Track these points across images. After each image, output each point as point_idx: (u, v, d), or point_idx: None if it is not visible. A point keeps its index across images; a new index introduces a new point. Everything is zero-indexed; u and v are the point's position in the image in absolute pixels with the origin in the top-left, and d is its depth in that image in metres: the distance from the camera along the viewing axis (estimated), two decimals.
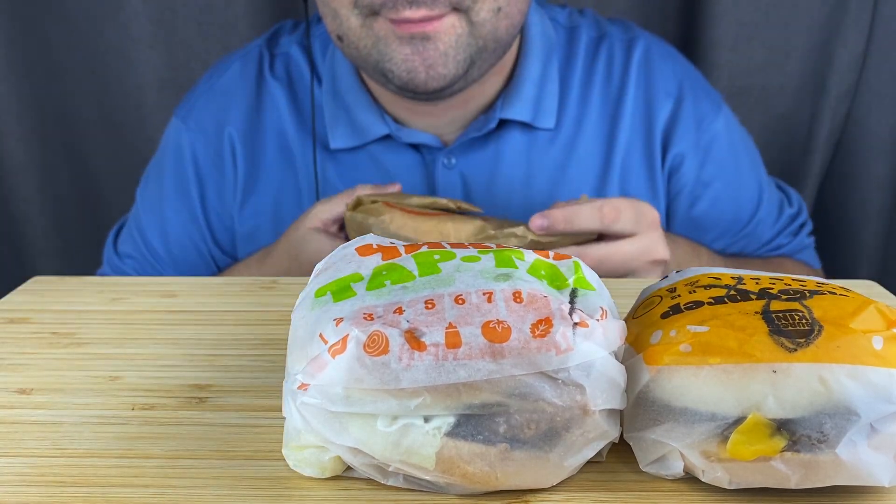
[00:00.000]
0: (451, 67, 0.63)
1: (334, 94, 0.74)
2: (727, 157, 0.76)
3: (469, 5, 0.61)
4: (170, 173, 0.78)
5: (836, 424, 0.30)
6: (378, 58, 0.63)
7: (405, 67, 0.62)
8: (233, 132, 0.76)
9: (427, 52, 0.61)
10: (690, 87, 0.76)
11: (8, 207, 1.13)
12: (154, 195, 0.80)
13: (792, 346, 0.30)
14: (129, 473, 0.34)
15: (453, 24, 0.61)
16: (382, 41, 0.62)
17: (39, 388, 0.41)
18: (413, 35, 0.61)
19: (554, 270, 0.34)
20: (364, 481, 0.33)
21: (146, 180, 0.82)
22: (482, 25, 0.62)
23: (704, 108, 0.76)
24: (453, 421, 0.30)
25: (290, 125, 0.76)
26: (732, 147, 0.77)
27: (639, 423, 0.33)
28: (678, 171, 0.75)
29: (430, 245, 0.36)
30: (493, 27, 0.63)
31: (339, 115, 0.73)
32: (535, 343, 0.30)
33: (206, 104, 0.78)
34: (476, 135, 0.72)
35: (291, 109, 0.76)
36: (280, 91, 0.77)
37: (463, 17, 0.61)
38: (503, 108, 0.71)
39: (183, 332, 0.48)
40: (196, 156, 0.77)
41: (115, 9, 1.03)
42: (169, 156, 0.79)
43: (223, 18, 1.04)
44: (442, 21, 0.61)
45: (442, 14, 0.60)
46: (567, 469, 0.32)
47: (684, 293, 0.35)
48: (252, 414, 0.39)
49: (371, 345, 0.30)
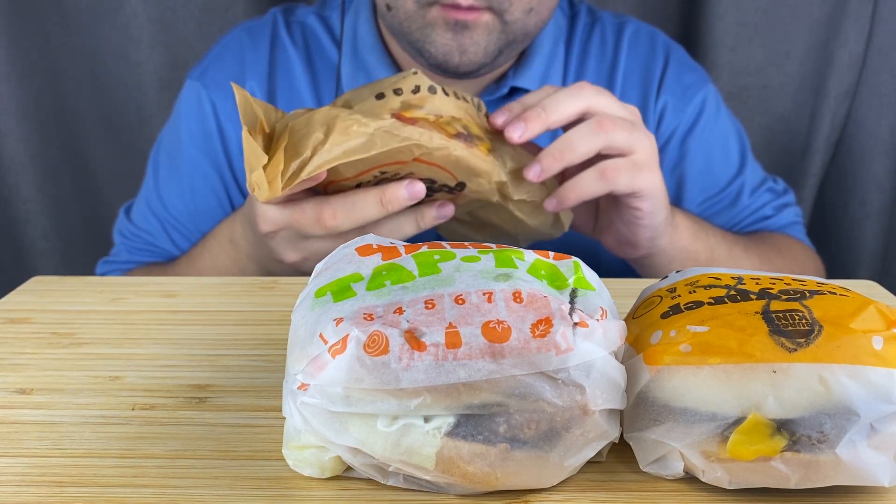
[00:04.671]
0: (481, 56, 0.68)
1: (354, 55, 0.78)
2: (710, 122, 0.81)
3: (505, 7, 0.66)
4: (187, 130, 0.79)
5: (836, 424, 0.30)
6: (421, 38, 0.69)
7: (443, 51, 0.68)
8: (255, 86, 0.79)
9: (464, 38, 0.67)
10: (677, 59, 0.82)
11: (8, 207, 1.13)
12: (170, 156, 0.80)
13: (792, 346, 0.30)
14: (129, 473, 0.34)
15: (487, 22, 0.67)
16: (430, 26, 0.68)
17: (39, 388, 0.41)
18: (457, 21, 0.66)
19: (554, 270, 0.34)
20: (364, 481, 0.33)
21: (159, 145, 0.82)
22: (514, 24, 0.68)
23: (690, 78, 0.81)
24: (453, 421, 0.30)
25: (303, 85, 0.79)
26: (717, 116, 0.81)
27: (639, 423, 0.33)
28: (660, 126, 0.80)
29: (431, 245, 0.36)
30: (524, 24, 0.69)
31: (359, 75, 0.77)
32: (535, 343, 0.30)
33: (221, 63, 0.80)
34: (488, 98, 0.77)
35: (306, 71, 0.79)
36: (295, 54, 0.80)
37: (497, 17, 0.67)
38: (514, 77, 0.77)
39: (183, 332, 0.48)
40: (216, 109, 0.78)
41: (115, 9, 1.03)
42: (185, 114, 0.80)
43: (223, 18, 1.05)
44: (480, 15, 0.66)
45: (481, 9, 0.66)
46: (567, 469, 0.32)
47: (684, 293, 0.35)
48: (252, 414, 0.39)
49: (371, 345, 0.30)
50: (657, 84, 0.80)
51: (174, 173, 0.79)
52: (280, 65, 0.79)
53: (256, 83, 0.79)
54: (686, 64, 0.83)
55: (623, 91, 0.80)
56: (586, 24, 0.83)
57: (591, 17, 0.83)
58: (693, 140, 0.80)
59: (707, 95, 0.81)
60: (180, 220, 0.79)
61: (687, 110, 0.80)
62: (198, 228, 0.78)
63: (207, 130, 0.78)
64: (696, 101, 0.80)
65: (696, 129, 0.80)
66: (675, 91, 0.80)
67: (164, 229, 0.79)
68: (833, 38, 1.00)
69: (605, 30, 0.82)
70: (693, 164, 0.79)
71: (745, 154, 0.82)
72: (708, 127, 0.80)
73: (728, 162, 0.81)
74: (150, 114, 1.08)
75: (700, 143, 0.80)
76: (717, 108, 0.81)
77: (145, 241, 0.79)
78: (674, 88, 0.80)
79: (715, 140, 0.81)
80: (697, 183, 0.80)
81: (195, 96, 0.79)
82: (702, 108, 0.80)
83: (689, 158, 0.79)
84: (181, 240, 0.79)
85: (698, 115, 0.80)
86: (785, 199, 0.83)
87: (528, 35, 0.71)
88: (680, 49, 0.84)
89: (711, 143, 0.80)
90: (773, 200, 0.82)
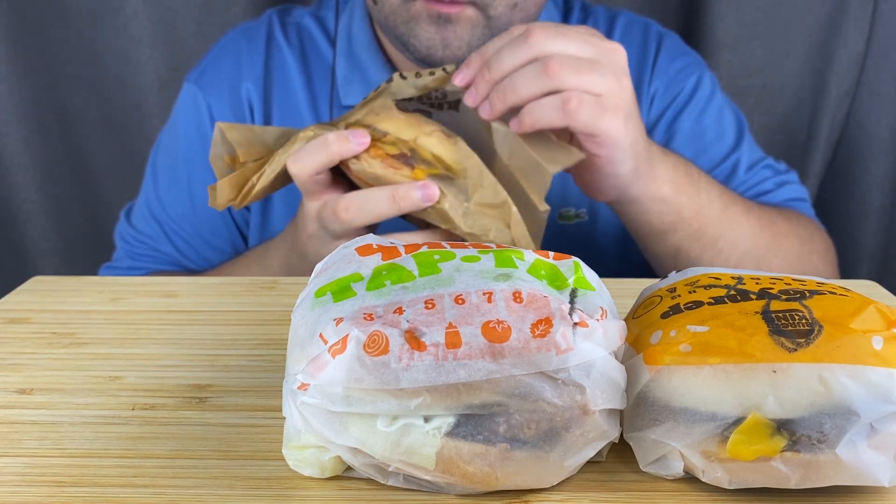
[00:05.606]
0: (465, 50, 0.68)
1: (349, 54, 0.78)
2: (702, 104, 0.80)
3: (489, 2, 0.66)
4: (185, 134, 0.79)
5: (836, 424, 0.30)
6: (406, 32, 0.69)
7: (426, 44, 0.68)
8: (250, 88, 0.79)
9: (447, 32, 0.67)
10: (668, 45, 0.82)
11: (8, 207, 1.13)
12: (169, 160, 0.80)
13: (792, 346, 0.30)
14: (129, 473, 0.34)
15: (471, 17, 0.67)
16: (414, 20, 0.68)
17: (39, 388, 0.41)
18: (440, 15, 0.67)
19: (554, 270, 0.34)
20: (364, 481, 0.33)
21: (157, 148, 0.82)
22: (498, 19, 0.68)
23: (681, 63, 0.81)
24: (453, 421, 0.30)
25: (298, 86, 0.79)
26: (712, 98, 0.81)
27: (639, 423, 0.33)
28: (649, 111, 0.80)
29: (430, 245, 0.36)
30: (509, 19, 0.68)
31: (354, 74, 0.77)
32: (535, 343, 0.30)
33: (218, 66, 0.80)
34: None
35: (301, 72, 0.79)
36: (291, 55, 0.80)
37: (481, 12, 0.67)
38: None
39: (183, 332, 0.48)
40: (212, 112, 0.79)
41: (115, 9, 1.03)
42: (182, 118, 0.80)
43: (223, 18, 1.05)
44: (463, 9, 0.66)
45: (464, 3, 0.66)
46: (567, 469, 0.32)
47: (684, 293, 0.35)
48: (252, 414, 0.39)
49: (371, 345, 0.30)
50: (650, 71, 0.80)
51: (173, 177, 0.79)
52: (276, 66, 0.80)
53: (252, 85, 0.79)
54: (678, 49, 0.82)
55: None
56: (579, 18, 0.83)
57: (583, 11, 0.84)
58: (683, 121, 0.79)
59: (701, 78, 0.80)
60: (180, 224, 0.79)
61: (676, 93, 0.79)
62: (197, 232, 0.79)
63: (204, 134, 0.78)
64: (688, 84, 0.79)
65: (686, 111, 0.79)
66: (664, 76, 0.80)
67: (165, 233, 0.79)
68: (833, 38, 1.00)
69: (597, 23, 0.83)
70: (681, 145, 0.78)
71: (743, 133, 0.81)
72: (699, 107, 0.80)
73: (723, 140, 0.80)
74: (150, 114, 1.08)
75: (690, 123, 0.79)
76: (711, 91, 0.81)
77: (147, 246, 0.79)
78: (664, 74, 0.80)
79: (708, 120, 0.80)
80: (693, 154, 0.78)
81: (192, 100, 0.79)
82: (694, 90, 0.80)
83: (676, 140, 0.79)
84: (182, 243, 0.79)
85: (689, 98, 0.79)
86: (786, 176, 0.81)
87: None
88: (673, 36, 0.84)
89: (704, 123, 0.80)
90: (772, 177, 0.80)
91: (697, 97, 0.80)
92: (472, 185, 0.55)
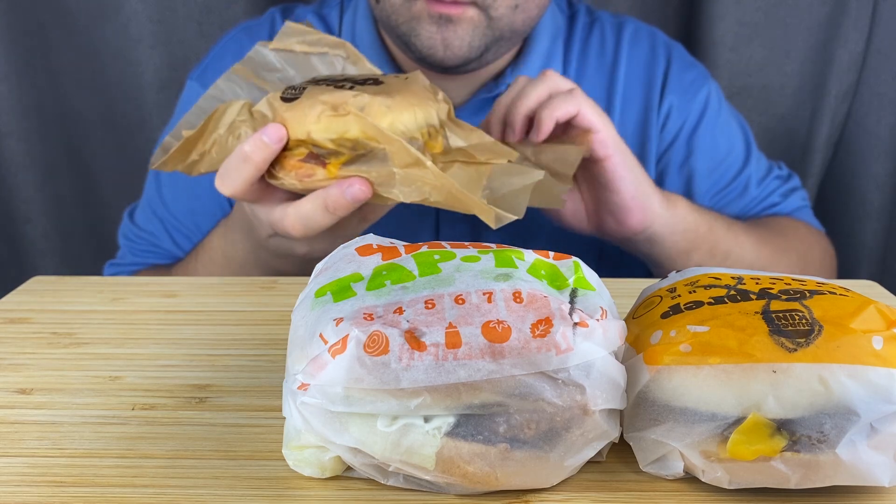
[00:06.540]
0: (465, 50, 0.69)
1: None
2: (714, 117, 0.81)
3: (490, 3, 0.67)
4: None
5: (836, 424, 0.30)
6: (407, 31, 0.70)
7: (427, 44, 0.69)
8: None
9: (448, 32, 0.68)
10: (678, 57, 0.83)
11: (8, 207, 1.13)
12: None
13: (792, 346, 0.30)
14: (129, 473, 0.34)
15: (472, 17, 0.68)
16: (415, 19, 0.68)
17: (39, 388, 0.41)
18: (441, 15, 0.67)
19: (554, 270, 0.34)
20: (364, 481, 0.33)
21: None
22: (500, 20, 0.68)
23: (692, 75, 0.82)
24: (453, 421, 0.30)
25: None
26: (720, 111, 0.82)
27: (639, 423, 0.33)
28: (667, 125, 0.81)
29: (431, 245, 0.36)
30: (510, 21, 0.69)
31: None
32: (535, 343, 0.30)
33: (220, 63, 0.80)
34: (486, 96, 0.77)
35: None
36: None
37: (483, 13, 0.67)
38: (513, 74, 0.77)
39: (183, 332, 0.48)
40: None
41: (115, 9, 1.03)
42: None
43: (223, 18, 1.04)
44: (465, 10, 0.67)
45: (466, 3, 0.67)
46: (567, 469, 0.32)
47: (684, 293, 0.35)
48: (252, 414, 0.39)
49: (371, 345, 0.30)
50: (661, 84, 0.80)
51: (175, 174, 0.79)
52: None
53: None
54: (687, 61, 0.83)
55: (625, 90, 0.80)
56: (585, 23, 0.83)
57: (589, 16, 0.84)
58: (699, 136, 0.80)
59: (710, 91, 0.81)
60: (182, 221, 0.79)
61: (691, 108, 0.80)
62: (199, 228, 0.79)
63: None
64: (699, 97, 0.80)
65: (701, 126, 0.80)
66: (679, 90, 0.80)
67: (167, 230, 0.79)
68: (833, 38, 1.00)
69: (604, 29, 0.83)
70: (700, 159, 0.80)
71: (750, 145, 0.83)
72: (712, 122, 0.81)
73: (734, 155, 0.81)
74: (150, 114, 1.08)
75: (706, 138, 0.80)
76: (719, 103, 0.82)
77: (148, 242, 0.80)
78: (678, 87, 0.80)
79: (719, 135, 0.81)
80: (706, 178, 0.80)
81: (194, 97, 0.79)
82: (706, 104, 0.81)
83: (696, 154, 0.80)
84: (182, 240, 0.79)
85: (703, 112, 0.80)
86: (791, 184, 0.84)
87: (515, 32, 0.71)
88: (679, 47, 0.84)
89: (716, 138, 0.81)
90: (780, 187, 0.83)
91: (709, 110, 0.81)
92: (388, 150, 0.51)
